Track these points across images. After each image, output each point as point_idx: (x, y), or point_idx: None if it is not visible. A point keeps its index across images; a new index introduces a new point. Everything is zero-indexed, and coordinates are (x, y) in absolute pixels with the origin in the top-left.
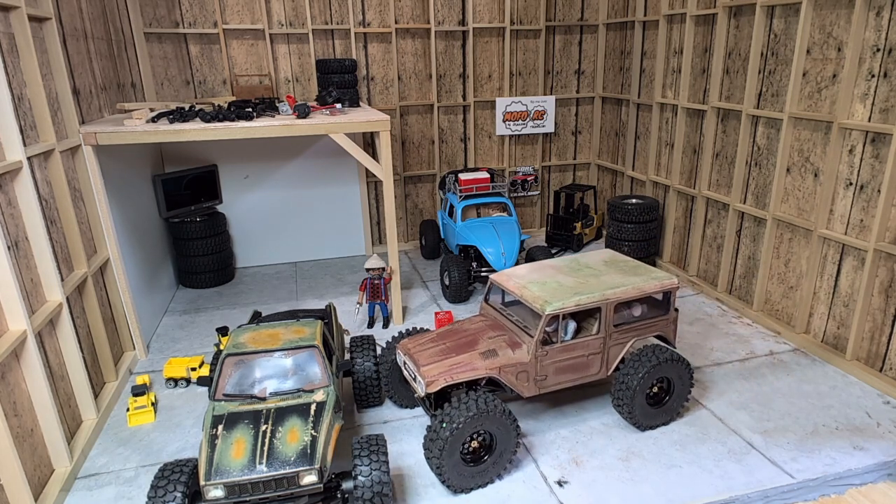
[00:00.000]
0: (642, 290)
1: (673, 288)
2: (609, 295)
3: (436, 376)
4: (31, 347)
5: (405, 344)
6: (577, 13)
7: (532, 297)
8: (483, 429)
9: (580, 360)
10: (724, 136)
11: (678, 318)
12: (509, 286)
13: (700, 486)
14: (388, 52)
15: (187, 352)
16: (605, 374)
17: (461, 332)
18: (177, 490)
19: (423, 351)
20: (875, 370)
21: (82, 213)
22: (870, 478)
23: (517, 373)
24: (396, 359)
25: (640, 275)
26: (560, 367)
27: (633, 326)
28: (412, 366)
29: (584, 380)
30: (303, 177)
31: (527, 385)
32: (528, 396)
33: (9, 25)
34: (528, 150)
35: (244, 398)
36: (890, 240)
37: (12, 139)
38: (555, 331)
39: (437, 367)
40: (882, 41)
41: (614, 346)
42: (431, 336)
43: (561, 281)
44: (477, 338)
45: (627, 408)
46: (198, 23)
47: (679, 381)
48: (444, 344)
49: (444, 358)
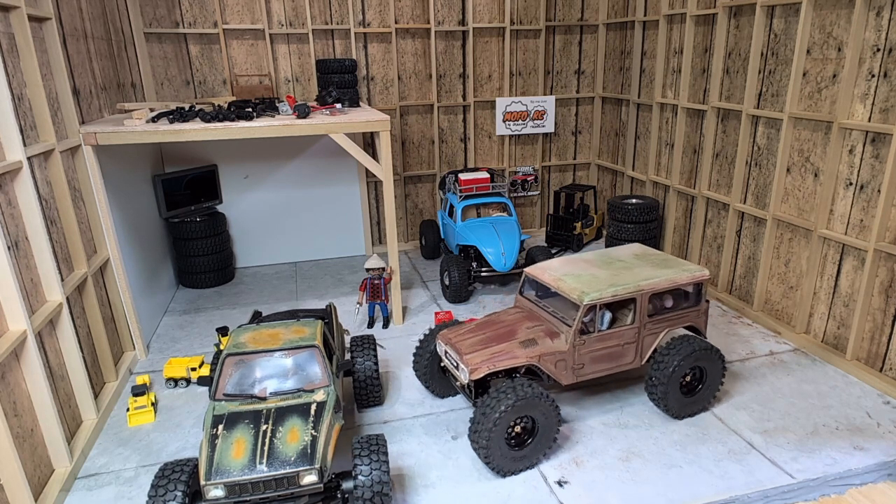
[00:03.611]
0: (675, 282)
1: (704, 279)
2: (643, 286)
3: (479, 364)
4: (31, 347)
5: (445, 334)
6: (577, 13)
7: (569, 288)
8: (527, 414)
9: (615, 349)
10: (724, 136)
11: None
12: (545, 278)
13: (700, 486)
14: (388, 52)
15: (187, 352)
16: (639, 363)
17: (499, 322)
18: (177, 490)
19: (465, 340)
20: (875, 370)
21: (82, 213)
22: (870, 478)
23: (556, 361)
24: (436, 348)
25: (671, 267)
26: (596, 356)
27: (665, 317)
28: (454, 354)
29: (618, 368)
30: (303, 177)
31: (565, 373)
32: (566, 384)
33: (9, 25)
34: (528, 150)
35: (244, 398)
36: (890, 240)
37: (12, 139)
38: (591, 321)
39: (480, 355)
40: (882, 41)
41: (648, 335)
42: (470, 327)
43: (595, 273)
44: (515, 328)
45: (661, 396)
46: (198, 23)
47: (712, 370)
48: (483, 334)
49: (486, 347)
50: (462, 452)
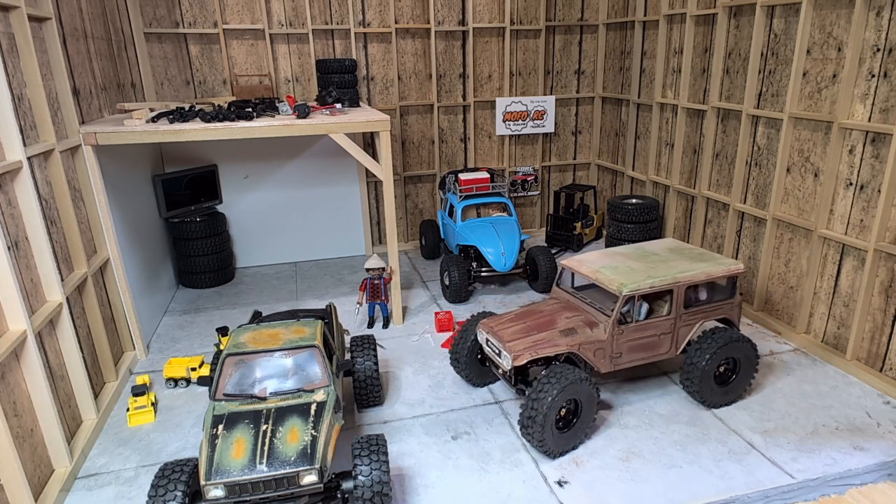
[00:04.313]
0: (711, 275)
1: (738, 273)
2: (680, 278)
3: (521, 351)
4: (31, 347)
5: (486, 323)
6: (577, 13)
7: (607, 279)
8: (572, 397)
9: (652, 339)
10: (724, 136)
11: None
12: (583, 271)
13: (700, 486)
14: (388, 52)
15: (187, 352)
16: (674, 354)
17: (537, 312)
18: (177, 490)
19: (506, 329)
20: (875, 370)
21: (82, 213)
22: (870, 478)
23: (594, 350)
24: (477, 337)
25: (706, 260)
26: (633, 345)
27: (701, 309)
28: (496, 342)
29: (654, 358)
30: (303, 177)
31: (603, 361)
32: (604, 372)
33: (9, 25)
34: (528, 150)
35: (244, 398)
36: (890, 240)
37: (12, 139)
38: (629, 311)
39: (522, 342)
40: (882, 41)
41: (683, 326)
42: (510, 316)
43: (632, 266)
44: (554, 318)
45: (696, 386)
46: (198, 23)
47: (745, 361)
48: (524, 323)
49: (527, 335)
50: (462, 452)
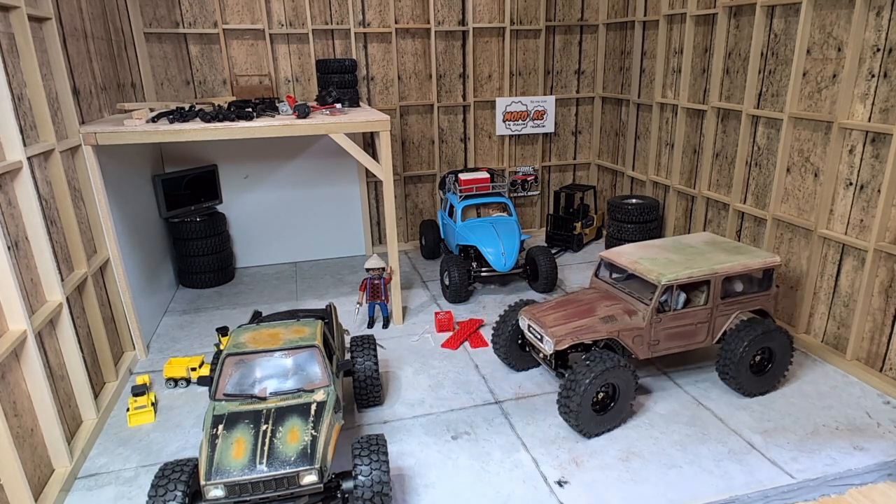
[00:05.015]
0: (748, 267)
1: (775, 265)
2: (718, 269)
3: (563, 336)
4: (31, 347)
5: (528, 310)
6: (577, 13)
7: (646, 270)
8: (610, 381)
9: (689, 328)
10: (724, 136)
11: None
12: (622, 262)
13: (700, 486)
14: (388, 52)
15: (187, 352)
16: (710, 343)
17: (577, 301)
18: (177, 490)
19: (548, 316)
20: (875, 370)
21: (82, 213)
22: (870, 478)
23: (633, 336)
24: (519, 323)
25: (743, 253)
26: (671, 333)
27: (737, 300)
28: (538, 328)
29: (690, 346)
30: (303, 177)
31: (641, 348)
32: (642, 358)
33: (9, 25)
34: (528, 150)
35: (244, 398)
36: (890, 240)
37: (12, 139)
38: (667, 301)
39: (564, 328)
40: (882, 41)
41: (720, 316)
42: (551, 304)
43: (669, 257)
44: (594, 306)
45: (732, 375)
46: (198, 23)
47: (781, 351)
48: (564, 310)
49: (568, 322)
50: (462, 452)
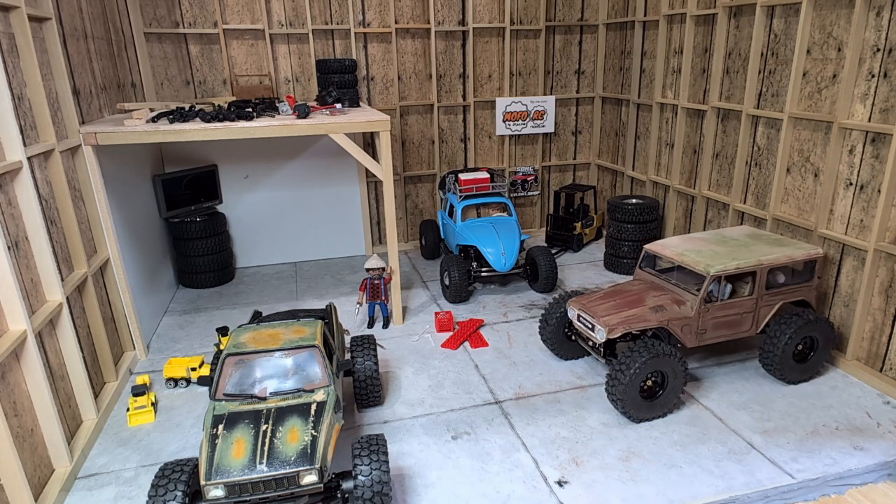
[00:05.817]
0: (792, 258)
1: (818, 257)
2: (763, 261)
3: (615, 325)
4: (31, 347)
5: (577, 301)
6: (577, 13)
7: (693, 261)
8: (658, 369)
9: (735, 317)
10: (724, 136)
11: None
12: (667, 254)
13: (700, 486)
14: (388, 52)
15: (187, 352)
16: (754, 332)
17: (624, 292)
18: (177, 490)
19: (598, 306)
20: (875, 370)
21: (82, 213)
22: (870, 478)
23: (682, 325)
24: (567, 313)
25: (786, 245)
26: (718, 322)
27: (781, 290)
28: (588, 318)
29: (736, 335)
30: (303, 177)
31: (689, 337)
32: (689, 347)
33: (9, 25)
34: (528, 150)
35: (244, 398)
36: (890, 240)
37: (12, 139)
38: (714, 291)
39: (615, 317)
40: (882, 41)
41: (764, 307)
42: (599, 295)
43: (714, 249)
44: (642, 297)
45: (776, 364)
46: (198, 23)
47: (823, 340)
48: (613, 301)
49: (619, 311)
50: (462, 452)
